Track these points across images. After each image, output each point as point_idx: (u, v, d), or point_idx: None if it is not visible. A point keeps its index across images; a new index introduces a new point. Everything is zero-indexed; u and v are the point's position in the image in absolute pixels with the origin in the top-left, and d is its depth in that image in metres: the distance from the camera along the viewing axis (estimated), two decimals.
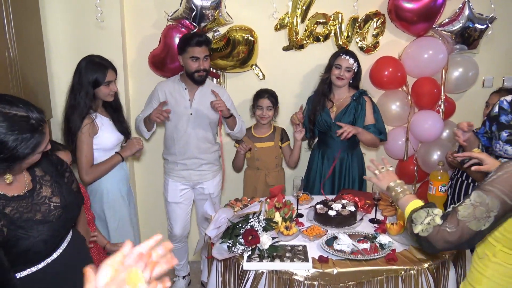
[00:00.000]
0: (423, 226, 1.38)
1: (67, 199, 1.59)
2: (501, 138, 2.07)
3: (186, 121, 2.75)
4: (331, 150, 2.91)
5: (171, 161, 2.88)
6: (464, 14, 3.02)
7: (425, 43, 3.10)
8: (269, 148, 2.98)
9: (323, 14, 3.08)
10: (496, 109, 2.12)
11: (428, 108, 3.21)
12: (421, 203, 1.52)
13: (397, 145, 3.27)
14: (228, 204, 2.52)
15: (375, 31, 3.18)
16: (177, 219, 2.96)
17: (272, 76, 3.21)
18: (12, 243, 1.37)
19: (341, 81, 2.81)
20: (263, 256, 1.95)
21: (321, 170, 2.95)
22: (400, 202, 1.61)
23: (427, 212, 1.41)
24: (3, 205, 1.38)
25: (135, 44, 3.07)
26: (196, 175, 2.88)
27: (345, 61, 2.78)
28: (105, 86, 2.37)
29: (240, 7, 3.03)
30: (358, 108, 2.83)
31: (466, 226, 1.31)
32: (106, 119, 2.49)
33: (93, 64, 2.35)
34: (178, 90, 2.75)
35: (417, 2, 2.95)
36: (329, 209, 2.33)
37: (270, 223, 2.08)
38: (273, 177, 2.98)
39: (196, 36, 2.63)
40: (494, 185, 1.31)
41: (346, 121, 2.80)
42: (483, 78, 3.34)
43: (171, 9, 2.86)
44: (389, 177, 1.73)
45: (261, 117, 2.93)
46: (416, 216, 1.43)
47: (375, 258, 1.95)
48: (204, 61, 2.64)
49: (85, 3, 2.80)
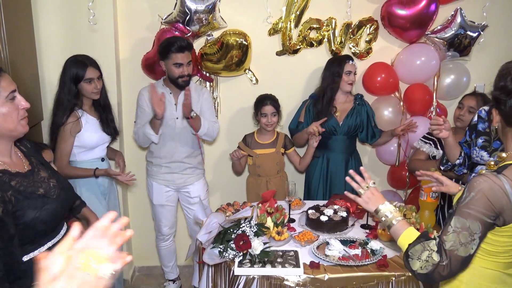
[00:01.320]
0: (421, 263, 1.36)
1: (63, 183, 1.68)
2: (477, 144, 2.12)
3: (173, 126, 2.73)
4: (336, 153, 2.96)
5: (155, 164, 2.87)
6: (456, 22, 3.05)
7: (418, 49, 3.12)
8: (270, 154, 2.94)
9: (316, 20, 3.10)
10: (475, 118, 2.17)
11: (420, 114, 3.22)
12: (414, 233, 1.45)
13: (389, 151, 3.29)
14: (220, 209, 2.51)
15: (368, 37, 3.20)
16: (164, 220, 2.99)
17: (266, 80, 3.21)
18: (21, 213, 1.43)
19: (352, 86, 2.94)
20: (254, 261, 1.95)
21: (326, 174, 2.98)
22: (391, 230, 1.51)
23: (423, 246, 1.37)
24: (8, 178, 1.44)
25: (128, 46, 3.06)
26: (180, 178, 2.89)
27: (352, 66, 2.89)
28: (87, 83, 2.44)
29: (234, 11, 3.04)
30: (362, 112, 2.96)
31: (455, 254, 1.32)
32: (93, 118, 2.55)
33: (75, 62, 2.45)
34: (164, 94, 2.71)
35: (410, 9, 2.97)
36: (321, 215, 2.33)
37: (261, 228, 2.08)
38: (274, 183, 2.95)
39: (177, 41, 2.56)
40: (470, 207, 1.32)
41: (352, 124, 2.93)
42: (475, 85, 3.36)
43: (165, 12, 2.86)
44: (376, 199, 1.57)
45: (267, 125, 2.88)
46: (412, 251, 1.39)
47: (366, 264, 1.95)
48: (188, 66, 2.62)
49: (78, 5, 2.79)
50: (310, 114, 2.97)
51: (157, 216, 3.00)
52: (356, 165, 2.99)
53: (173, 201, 2.99)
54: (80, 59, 2.45)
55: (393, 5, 3.01)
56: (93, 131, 2.53)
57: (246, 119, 3.19)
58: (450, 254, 1.32)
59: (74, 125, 2.43)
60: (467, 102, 2.64)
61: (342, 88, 2.92)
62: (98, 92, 2.50)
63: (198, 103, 2.78)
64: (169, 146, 2.79)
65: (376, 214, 1.56)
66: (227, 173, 3.33)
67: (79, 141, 2.49)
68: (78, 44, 2.85)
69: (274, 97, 2.93)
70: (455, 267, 1.33)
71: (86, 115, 2.51)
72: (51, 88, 2.87)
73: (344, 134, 2.94)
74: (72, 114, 2.44)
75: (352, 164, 2.98)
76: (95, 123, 2.55)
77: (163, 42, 2.63)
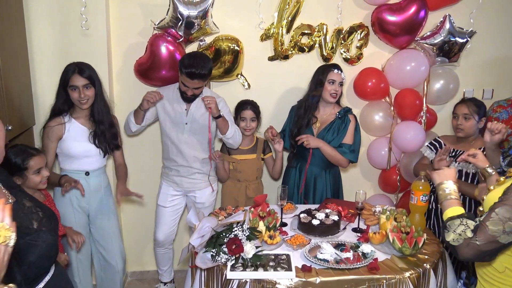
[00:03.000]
0: (455, 235, 1.48)
1: (46, 209, 1.57)
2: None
3: (181, 130, 2.77)
4: (310, 165, 2.86)
5: (166, 166, 2.92)
6: (445, 28, 3.09)
7: (408, 55, 3.17)
8: (251, 160, 2.98)
9: (308, 25, 3.13)
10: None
11: (410, 119, 3.26)
12: (461, 210, 1.58)
13: (380, 155, 3.32)
14: (212, 213, 2.52)
15: (359, 43, 3.23)
16: (161, 223, 2.98)
17: (257, 85, 3.24)
18: (25, 252, 1.35)
19: (335, 98, 2.78)
20: (247, 265, 1.95)
21: (299, 184, 2.92)
22: (443, 204, 1.66)
23: (461, 221, 1.50)
24: None
25: (121, 52, 3.06)
26: (188, 182, 2.89)
27: (338, 75, 2.76)
28: (71, 90, 2.43)
29: (226, 17, 3.06)
30: (341, 127, 2.80)
31: (496, 240, 1.42)
32: (83, 128, 2.52)
33: (68, 66, 2.45)
34: (177, 99, 2.76)
35: (400, 15, 3.02)
36: (313, 218, 2.35)
37: (253, 232, 2.09)
38: (253, 189, 2.99)
39: (191, 67, 2.52)
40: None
41: (328, 138, 2.79)
42: (464, 90, 3.41)
43: (157, 17, 2.87)
44: (448, 173, 1.75)
45: (245, 129, 2.92)
46: (450, 224, 1.52)
47: (358, 267, 1.97)
48: (195, 90, 2.65)
49: (71, 10, 2.79)
50: (291, 119, 2.97)
51: (156, 218, 3.00)
52: (331, 180, 2.89)
53: (177, 207, 2.97)
54: (73, 64, 2.45)
55: (383, 11, 3.05)
56: (76, 140, 2.49)
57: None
58: (492, 239, 1.42)
59: (53, 129, 2.43)
60: (460, 111, 2.66)
61: (324, 98, 2.79)
62: (84, 102, 2.44)
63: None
64: (177, 150, 2.81)
65: (436, 186, 1.74)
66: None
67: (60, 148, 2.49)
68: (71, 49, 2.85)
69: (255, 103, 2.98)
70: (485, 251, 1.43)
71: (73, 122, 2.49)
72: (43, 92, 2.87)
73: (299, 136, 2.78)
74: (54, 119, 2.44)
75: (326, 179, 2.88)
76: (84, 133, 2.51)
77: (184, 57, 2.62)
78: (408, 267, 1.97)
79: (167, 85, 2.91)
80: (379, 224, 2.37)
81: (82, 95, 2.42)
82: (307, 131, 2.83)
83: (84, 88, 2.42)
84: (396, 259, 2.05)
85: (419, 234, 2.09)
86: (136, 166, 3.21)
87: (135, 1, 2.99)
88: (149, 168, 3.27)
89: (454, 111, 2.72)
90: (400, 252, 2.07)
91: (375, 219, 2.45)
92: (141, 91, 2.87)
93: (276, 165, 3.01)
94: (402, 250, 2.06)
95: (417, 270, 1.96)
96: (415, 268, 1.97)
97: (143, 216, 3.34)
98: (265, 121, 3.18)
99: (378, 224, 2.39)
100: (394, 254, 2.09)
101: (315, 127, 2.86)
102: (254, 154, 3.00)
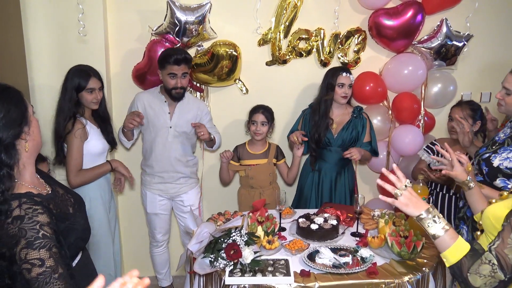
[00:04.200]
0: (485, 279, 1.30)
1: (75, 195, 1.65)
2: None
3: (165, 134, 2.76)
4: (329, 164, 2.93)
5: (149, 173, 2.90)
6: (442, 32, 3.10)
7: (405, 59, 3.17)
8: (263, 165, 2.94)
9: (305, 30, 3.14)
10: None
11: (408, 123, 3.27)
12: (464, 245, 1.37)
13: (379, 159, 3.32)
14: (210, 218, 2.52)
15: (357, 47, 3.24)
16: (158, 227, 3.01)
17: (256, 90, 3.24)
18: (65, 235, 1.42)
19: (346, 99, 2.87)
20: (245, 270, 1.95)
21: (317, 184, 2.96)
22: (437, 240, 1.39)
23: (481, 260, 1.32)
24: (47, 202, 1.39)
25: (118, 57, 3.07)
26: (173, 188, 2.90)
27: (347, 78, 2.83)
28: (88, 93, 2.46)
29: (224, 22, 3.07)
30: (358, 125, 2.90)
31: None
32: (94, 127, 2.56)
33: (79, 71, 2.46)
34: (158, 103, 2.76)
35: (397, 20, 3.03)
36: (311, 223, 2.34)
37: (252, 237, 2.08)
38: (267, 195, 2.93)
39: (175, 53, 2.62)
40: None
41: (347, 137, 2.89)
42: (462, 94, 3.42)
43: (155, 23, 2.88)
44: (416, 201, 1.44)
45: (255, 133, 2.89)
46: (470, 267, 1.32)
47: (357, 272, 1.96)
48: (182, 79, 2.66)
49: (68, 17, 2.80)
50: (307, 123, 2.98)
51: (151, 223, 3.01)
52: (348, 177, 2.98)
53: (167, 210, 2.99)
54: (83, 69, 2.48)
55: (380, 15, 3.06)
56: (97, 139, 2.55)
57: (237, 128, 3.21)
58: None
59: (83, 131, 2.45)
60: (455, 113, 2.69)
61: (336, 101, 2.89)
62: (97, 102, 2.52)
63: (195, 116, 2.83)
64: (161, 155, 2.80)
65: (420, 221, 1.42)
66: (218, 183, 3.33)
67: (86, 149, 2.49)
68: (68, 55, 2.86)
69: (269, 108, 2.95)
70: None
71: (88, 123, 2.53)
72: (41, 98, 2.88)
73: (339, 147, 2.89)
74: (77, 121, 2.44)
75: (345, 177, 2.96)
76: (97, 131, 2.57)
77: (163, 53, 2.71)
78: (407, 271, 1.97)
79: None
80: (377, 228, 2.37)
81: (98, 97, 2.50)
82: (326, 132, 2.88)
83: (98, 90, 2.50)
84: (395, 263, 2.04)
85: (418, 238, 2.09)
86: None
87: (133, 7, 3.00)
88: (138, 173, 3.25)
89: (450, 113, 2.75)
90: (399, 256, 2.07)
91: (374, 223, 2.45)
92: None
93: (292, 171, 3.00)
94: (401, 254, 2.05)
95: (416, 274, 1.95)
96: (414, 272, 1.96)
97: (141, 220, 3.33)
98: None
99: (377, 228, 2.39)
100: (393, 258, 2.08)
101: (333, 129, 2.91)
102: (265, 159, 2.96)
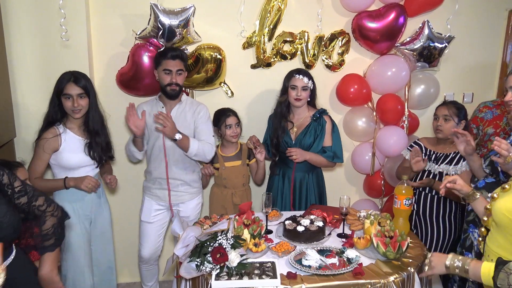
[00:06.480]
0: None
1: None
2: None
3: (164, 140, 2.72)
4: (291, 169, 2.88)
5: (149, 179, 2.88)
6: (424, 33, 3.14)
7: (389, 61, 3.21)
8: (237, 167, 2.97)
9: (289, 33, 3.15)
10: None
11: (393, 124, 3.30)
12: (489, 266, 1.50)
13: (364, 160, 3.35)
14: (197, 222, 2.51)
15: (341, 50, 3.27)
16: (146, 239, 2.90)
17: (241, 93, 3.25)
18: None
19: (299, 102, 2.79)
20: (232, 273, 1.94)
21: (282, 190, 2.93)
22: (470, 275, 1.56)
23: (506, 272, 1.42)
24: None
25: (102, 62, 3.05)
26: (172, 195, 2.83)
27: (300, 81, 2.76)
28: (65, 99, 2.38)
29: (208, 25, 3.07)
30: (318, 129, 2.83)
31: None
32: (79, 138, 2.46)
33: (64, 74, 2.41)
34: (156, 109, 2.72)
35: (380, 22, 3.06)
36: (298, 225, 2.35)
37: (238, 240, 2.08)
38: (239, 196, 2.97)
39: (170, 50, 2.68)
40: None
41: (307, 142, 2.82)
42: (445, 94, 3.46)
43: (139, 27, 2.86)
44: (438, 259, 1.67)
45: (232, 136, 2.91)
46: (500, 282, 1.43)
47: (343, 273, 1.97)
48: (177, 75, 2.65)
49: (50, 22, 2.78)
50: (269, 128, 2.99)
51: (141, 234, 2.92)
52: (314, 183, 2.93)
53: (161, 222, 2.90)
54: (68, 72, 2.40)
55: (363, 18, 3.09)
56: (73, 151, 2.43)
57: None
58: None
59: (49, 141, 2.35)
60: (440, 112, 2.73)
61: (291, 104, 2.84)
62: (77, 111, 2.40)
63: (192, 119, 2.76)
64: (159, 161, 2.77)
65: (448, 270, 1.62)
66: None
67: (56, 160, 2.41)
68: (52, 60, 2.83)
69: (233, 110, 2.98)
70: None
71: (68, 133, 2.42)
72: (23, 103, 2.84)
73: (287, 151, 2.79)
74: (50, 130, 2.37)
75: (310, 183, 2.90)
76: (79, 144, 2.45)
77: (157, 53, 2.73)
78: (392, 271, 1.98)
79: (150, 94, 2.90)
80: (363, 229, 2.38)
81: (75, 104, 2.37)
82: (285, 137, 2.85)
83: (78, 98, 2.38)
84: (381, 263, 2.05)
85: (403, 238, 2.10)
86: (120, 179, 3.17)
87: (116, 12, 2.98)
88: (134, 182, 3.25)
89: (435, 113, 2.78)
90: (385, 256, 2.08)
91: (360, 224, 2.46)
92: (123, 100, 2.85)
93: (258, 173, 3.03)
94: (386, 254, 2.07)
95: (402, 274, 1.97)
96: (399, 272, 1.98)
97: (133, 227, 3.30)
98: (249, 129, 3.18)
99: (363, 229, 2.40)
100: (378, 258, 2.09)
101: (293, 132, 2.87)
102: (239, 161, 2.99)
